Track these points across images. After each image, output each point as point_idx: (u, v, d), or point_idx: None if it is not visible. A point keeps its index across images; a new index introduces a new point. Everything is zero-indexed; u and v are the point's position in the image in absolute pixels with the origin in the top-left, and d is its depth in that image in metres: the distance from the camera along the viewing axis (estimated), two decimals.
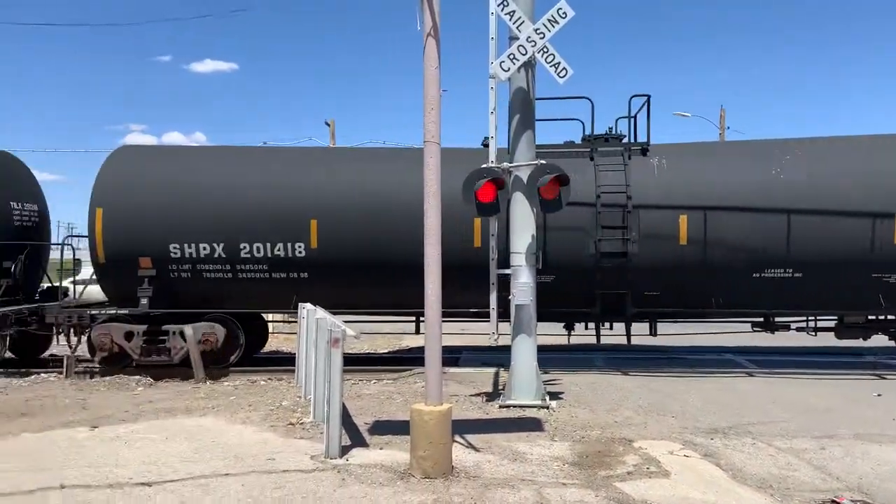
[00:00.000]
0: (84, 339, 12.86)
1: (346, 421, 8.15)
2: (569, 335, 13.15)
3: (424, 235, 6.61)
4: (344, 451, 7.02)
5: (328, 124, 33.11)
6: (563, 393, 10.12)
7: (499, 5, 8.93)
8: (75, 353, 12.75)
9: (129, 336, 12.18)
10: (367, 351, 16.57)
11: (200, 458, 6.99)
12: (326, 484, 6.15)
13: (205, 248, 11.98)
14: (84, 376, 12.40)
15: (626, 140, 12.40)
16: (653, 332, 12.57)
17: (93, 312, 12.67)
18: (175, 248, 11.99)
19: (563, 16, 8.81)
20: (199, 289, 12.27)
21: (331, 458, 6.84)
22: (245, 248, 11.94)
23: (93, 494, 5.91)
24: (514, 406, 9.22)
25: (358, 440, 7.61)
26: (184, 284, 12.21)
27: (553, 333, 13.39)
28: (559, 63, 8.87)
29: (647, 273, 11.47)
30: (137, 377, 12.30)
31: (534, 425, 8.35)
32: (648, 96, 12.10)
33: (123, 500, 5.79)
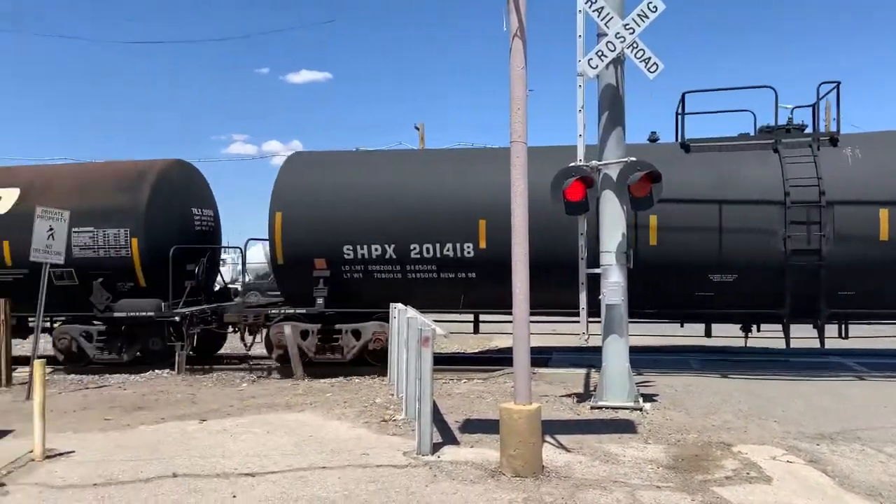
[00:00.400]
0: (252, 337, 13.58)
1: (437, 419, 8.29)
2: (745, 337, 12.64)
3: (512, 234, 6.65)
4: (435, 448, 7.15)
5: (417, 128, 33.61)
6: (657, 395, 9.90)
7: (586, 2, 8.85)
8: (248, 350, 13.67)
9: (304, 335, 12.65)
10: (457, 350, 16.73)
11: (299, 451, 7.29)
12: (418, 479, 6.29)
13: (376, 250, 12.20)
14: (193, 373, 13.14)
15: (808, 130, 11.80)
16: (843, 335, 11.91)
17: (272, 312, 13.19)
18: (349, 249, 12.25)
19: (654, 10, 8.63)
20: (369, 289, 12.49)
21: (422, 455, 6.98)
22: (415, 248, 12.08)
23: (202, 483, 6.28)
24: (606, 407, 9.10)
25: (449, 438, 7.73)
26: (356, 285, 12.47)
27: (645, 334, 13.12)
28: (649, 58, 8.70)
29: (843, 272, 10.84)
30: (242, 374, 12.93)
31: (626, 427, 8.22)
32: (838, 83, 11.43)
33: (229, 488, 6.12)
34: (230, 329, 13.81)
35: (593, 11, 8.83)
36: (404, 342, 8.84)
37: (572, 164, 9.03)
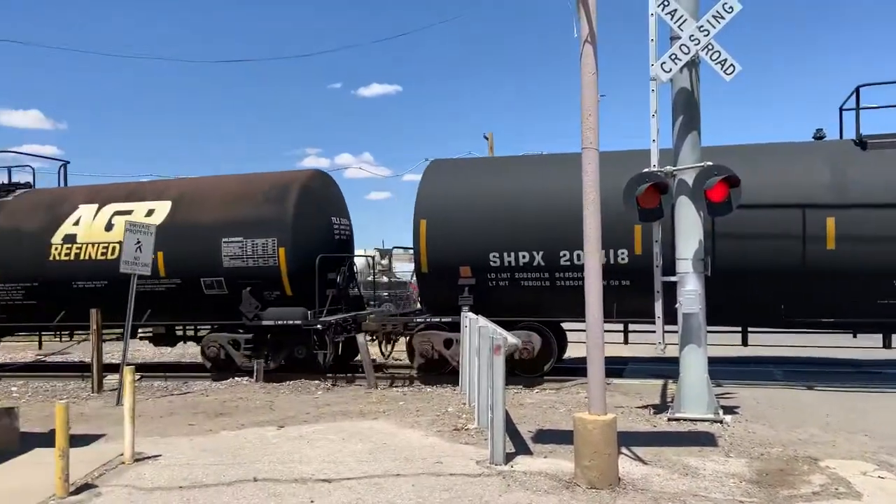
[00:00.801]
0: (391, 346, 13.78)
1: (510, 428, 8.25)
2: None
3: (584, 242, 6.58)
4: (508, 457, 7.12)
5: (486, 138, 33.68)
6: (738, 407, 9.57)
7: (659, 5, 8.70)
8: (387, 358, 13.85)
9: (447, 343, 12.66)
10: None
11: (373, 458, 7.38)
12: (492, 489, 6.27)
13: (524, 257, 11.94)
14: (271, 381, 13.49)
15: None
16: None
17: (418, 320, 13.08)
18: (495, 256, 12.06)
19: (730, 10, 8.41)
20: (515, 297, 12.24)
21: (495, 464, 6.95)
22: (565, 255, 11.74)
23: (281, 487, 6.44)
24: (684, 419, 8.86)
25: (521, 447, 7.68)
26: (501, 293, 12.23)
27: (724, 344, 12.70)
28: (725, 60, 8.47)
29: None
30: (317, 381, 13.20)
31: (706, 440, 7.97)
32: None
33: (307, 493, 6.25)
34: (369, 337, 13.64)
35: (666, 14, 8.68)
36: (476, 351, 8.85)
37: (646, 169, 8.87)
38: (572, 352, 16.46)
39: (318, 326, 13.06)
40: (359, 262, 25.25)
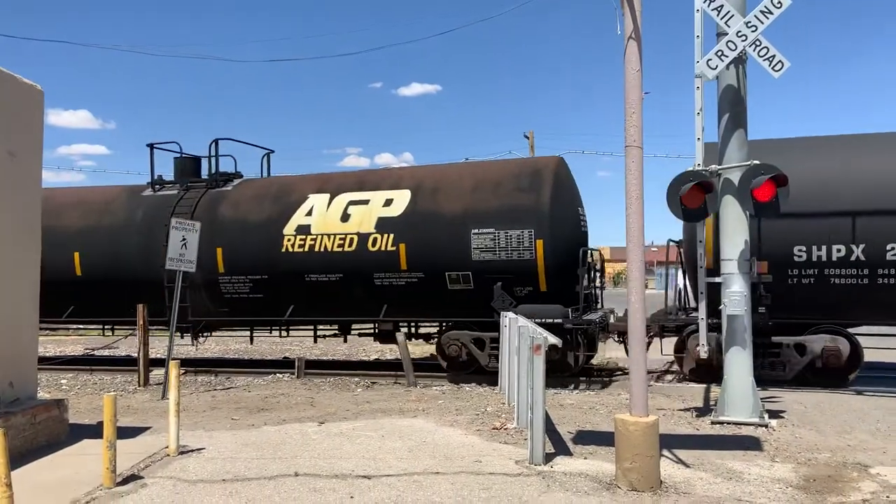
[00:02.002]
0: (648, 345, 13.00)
1: (549, 428, 8.20)
2: None
3: (626, 241, 6.50)
4: (548, 458, 7.07)
5: (527, 137, 33.54)
6: (784, 411, 9.35)
7: (705, 1, 8.55)
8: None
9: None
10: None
11: (413, 456, 7.40)
12: (531, 489, 6.24)
13: (838, 251, 10.77)
14: (311, 377, 13.64)
15: None
16: None
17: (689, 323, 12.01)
18: (800, 251, 10.92)
19: (779, 5, 8.21)
20: (821, 296, 11.05)
21: (535, 464, 6.91)
22: (892, 249, 10.57)
23: (321, 483, 6.50)
24: (728, 423, 8.69)
25: (561, 448, 7.62)
26: (804, 291, 11.05)
27: None
28: (774, 56, 8.28)
29: None
30: (357, 379, 13.30)
31: (751, 444, 7.81)
32: None
33: (347, 489, 6.30)
34: (616, 338, 12.76)
35: (712, 10, 8.52)
36: (515, 350, 8.81)
37: (689, 168, 8.73)
38: (612, 353, 16.30)
39: (584, 326, 12.11)
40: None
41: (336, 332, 14.96)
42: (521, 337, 8.10)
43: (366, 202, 13.41)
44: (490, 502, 5.92)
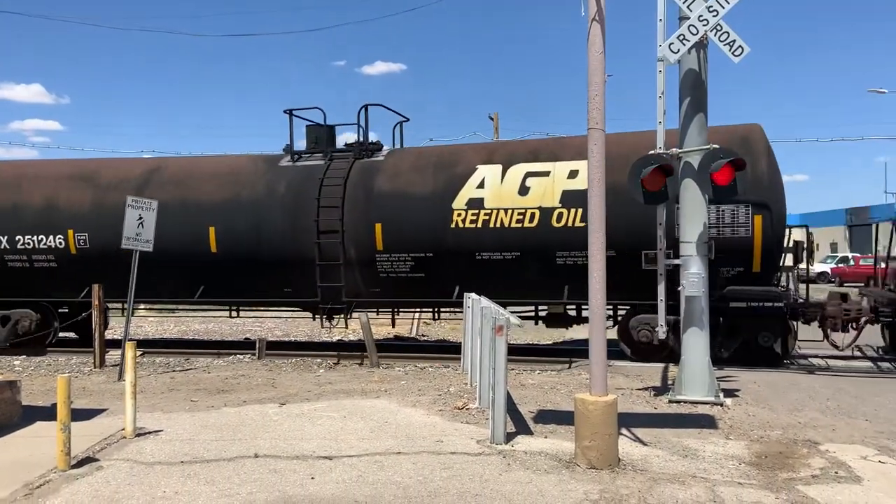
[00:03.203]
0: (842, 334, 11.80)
1: (511, 408, 8.27)
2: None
3: (588, 223, 6.56)
4: (509, 437, 7.14)
5: (492, 118, 33.52)
6: (738, 390, 9.58)
7: None
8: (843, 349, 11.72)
9: None
10: (531, 341, 16.64)
11: (375, 436, 7.41)
12: (492, 468, 6.29)
13: None
14: (273, 358, 13.53)
15: None
16: None
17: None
18: None
19: None
20: None
21: (496, 444, 6.98)
22: None
23: (281, 464, 6.47)
24: (685, 402, 8.88)
25: (522, 427, 7.70)
26: None
27: None
28: (734, 41, 8.37)
29: None
30: (319, 360, 13.24)
31: (706, 422, 7.99)
32: None
33: (308, 470, 6.28)
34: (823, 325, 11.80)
35: None
36: (478, 331, 8.85)
37: (651, 151, 8.82)
38: (574, 333, 16.50)
39: (814, 310, 11.37)
40: None
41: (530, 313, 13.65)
42: (484, 318, 8.13)
43: (546, 174, 12.30)
44: (451, 481, 5.96)
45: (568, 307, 13.04)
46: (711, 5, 8.35)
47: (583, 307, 12.85)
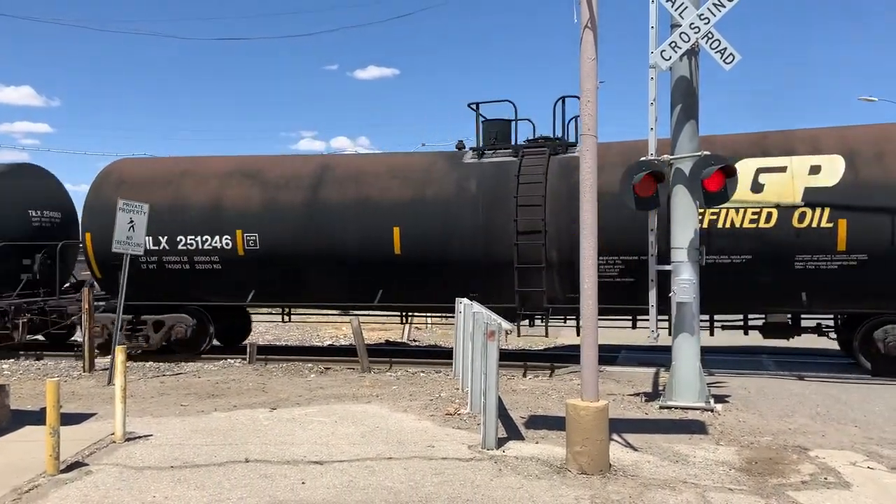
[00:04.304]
0: None
1: (502, 414, 8.27)
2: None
3: (580, 227, 6.58)
4: (500, 442, 7.14)
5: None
6: (729, 396, 9.61)
7: None
8: None
9: None
10: (523, 347, 16.65)
11: (366, 441, 7.39)
12: (483, 473, 6.29)
13: None
14: (263, 363, 13.49)
15: None
16: None
17: None
18: None
19: None
20: None
21: (487, 449, 6.98)
22: None
23: (272, 469, 6.44)
24: (676, 407, 8.90)
25: (514, 433, 7.70)
26: None
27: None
28: (725, 49, 8.42)
29: None
30: (310, 365, 13.20)
31: (697, 428, 8.02)
32: None
33: (299, 475, 6.26)
34: None
35: (667, 1, 8.61)
36: (469, 336, 8.85)
37: (643, 158, 8.86)
38: (566, 339, 16.53)
39: None
40: None
41: (739, 324, 12.67)
42: (476, 323, 8.13)
43: (781, 169, 11.28)
44: (442, 487, 5.96)
45: (804, 316, 12.07)
46: (703, 13, 8.41)
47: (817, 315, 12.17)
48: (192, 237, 13.70)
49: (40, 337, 16.03)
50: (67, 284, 16.45)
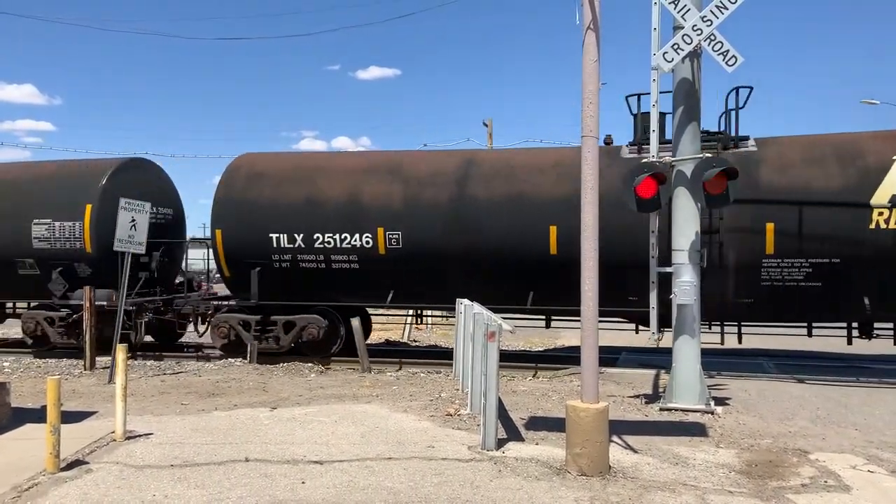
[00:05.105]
0: None
1: (502, 415, 8.27)
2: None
3: (581, 230, 6.58)
4: (500, 443, 7.14)
5: (486, 125, 33.57)
6: (729, 399, 9.61)
7: None
8: None
9: None
10: (523, 348, 16.65)
11: (366, 441, 7.39)
12: (483, 474, 6.29)
13: None
14: (264, 362, 13.49)
15: None
16: None
17: None
18: None
19: (734, 1, 8.35)
20: None
21: (487, 450, 6.98)
22: None
23: (272, 468, 6.45)
24: (676, 409, 8.89)
25: (513, 434, 7.70)
26: None
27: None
28: (728, 51, 8.43)
29: None
30: (310, 364, 13.21)
31: (697, 430, 8.01)
32: None
33: (299, 475, 6.26)
34: None
35: (669, 3, 8.61)
36: (470, 337, 8.85)
37: (644, 159, 8.85)
38: (566, 340, 16.53)
39: None
40: None
41: None
42: (476, 324, 8.13)
43: None
44: (442, 487, 5.96)
45: None
46: (705, 15, 8.41)
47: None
48: (330, 234, 13.06)
49: (148, 337, 15.62)
50: (178, 282, 16.22)
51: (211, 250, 14.43)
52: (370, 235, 12.89)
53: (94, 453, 6.90)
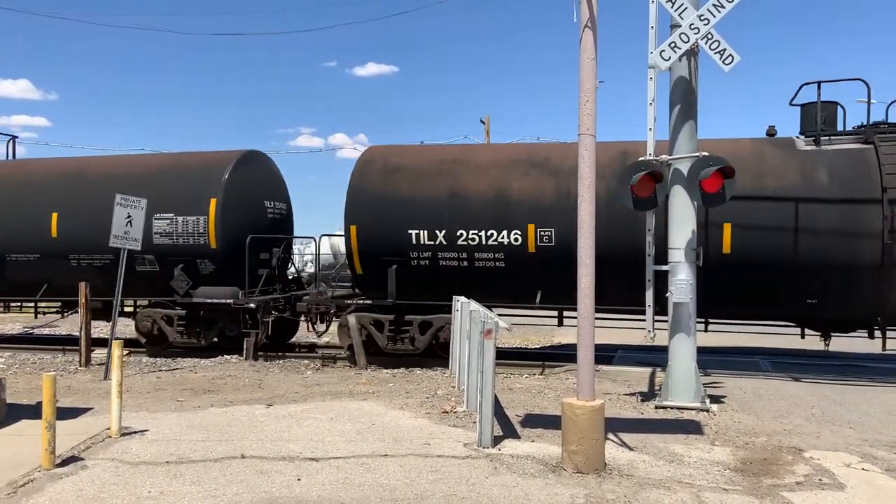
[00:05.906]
0: None
1: (498, 412, 8.28)
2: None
3: (578, 227, 6.59)
4: (496, 441, 7.15)
5: (483, 122, 33.58)
6: (724, 397, 9.63)
7: None
8: None
9: None
10: (519, 345, 16.67)
11: (362, 438, 7.40)
12: (479, 471, 6.30)
13: None
14: (260, 359, 13.49)
15: None
16: None
17: None
18: None
19: (731, 0, 8.36)
20: None
21: (483, 447, 6.98)
22: None
23: (268, 465, 6.45)
24: (671, 407, 8.91)
25: (509, 431, 7.71)
26: None
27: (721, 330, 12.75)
28: (724, 50, 8.43)
29: None
30: (306, 361, 13.21)
31: (692, 428, 8.03)
32: None
33: (295, 471, 6.26)
34: None
35: (667, 2, 8.61)
36: (466, 334, 8.85)
37: (641, 158, 8.86)
38: (562, 338, 16.54)
39: None
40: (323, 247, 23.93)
41: None
42: (473, 321, 8.14)
43: None
44: (438, 484, 5.96)
45: None
46: (703, 14, 8.41)
47: None
48: (475, 231, 12.35)
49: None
50: (291, 279, 15.96)
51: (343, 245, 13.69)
52: (519, 232, 12.20)
53: (89, 450, 6.90)
